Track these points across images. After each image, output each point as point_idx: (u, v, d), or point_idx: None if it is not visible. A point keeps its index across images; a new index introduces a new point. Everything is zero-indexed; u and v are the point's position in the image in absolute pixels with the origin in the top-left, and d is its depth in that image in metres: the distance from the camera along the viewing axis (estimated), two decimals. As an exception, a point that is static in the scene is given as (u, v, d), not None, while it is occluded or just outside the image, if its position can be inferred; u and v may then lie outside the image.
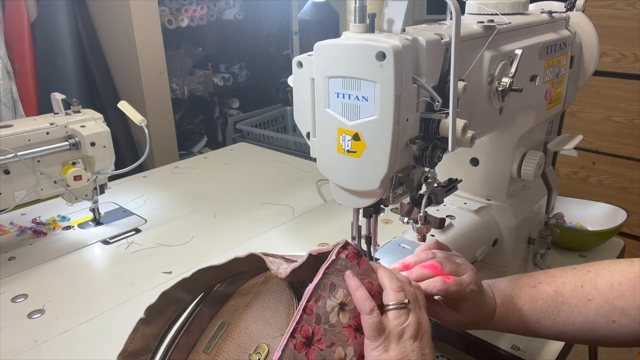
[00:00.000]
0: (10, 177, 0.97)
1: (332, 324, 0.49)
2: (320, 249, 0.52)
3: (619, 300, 0.56)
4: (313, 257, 0.52)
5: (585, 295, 0.58)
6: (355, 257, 0.51)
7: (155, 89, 1.97)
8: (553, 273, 0.62)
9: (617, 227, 0.99)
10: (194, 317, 0.62)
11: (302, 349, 0.47)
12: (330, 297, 0.49)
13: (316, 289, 0.49)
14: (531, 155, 0.80)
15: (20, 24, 1.83)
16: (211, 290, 0.63)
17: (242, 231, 1.12)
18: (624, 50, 1.66)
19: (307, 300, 0.48)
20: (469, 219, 0.78)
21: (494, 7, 0.70)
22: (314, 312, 0.48)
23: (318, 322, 0.48)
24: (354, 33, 0.53)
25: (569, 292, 0.59)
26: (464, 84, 0.54)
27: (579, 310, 0.58)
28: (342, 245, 0.51)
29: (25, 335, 0.80)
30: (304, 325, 0.47)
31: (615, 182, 1.80)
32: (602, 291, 0.57)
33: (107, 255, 1.04)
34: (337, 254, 0.50)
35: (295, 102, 0.61)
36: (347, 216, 0.64)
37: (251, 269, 0.62)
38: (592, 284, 0.58)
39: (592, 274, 0.59)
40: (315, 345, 0.47)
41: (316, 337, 0.48)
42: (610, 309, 0.56)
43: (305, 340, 0.47)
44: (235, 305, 0.60)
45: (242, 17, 2.42)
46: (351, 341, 0.49)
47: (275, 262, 0.54)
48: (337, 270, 0.50)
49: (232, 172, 1.49)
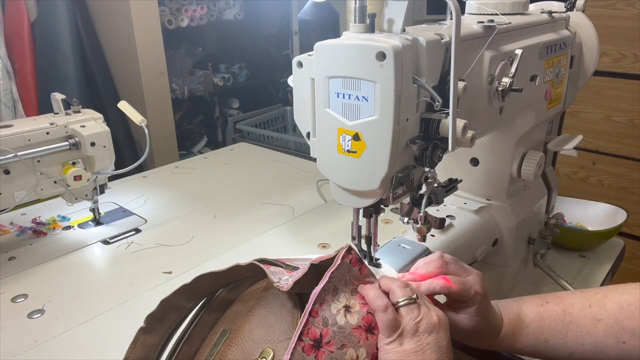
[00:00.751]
0: (10, 177, 0.97)
1: (340, 325, 0.49)
2: (321, 257, 0.53)
3: (629, 321, 0.55)
4: (315, 267, 0.52)
5: (593, 315, 0.57)
6: (358, 263, 0.52)
7: (155, 89, 1.97)
8: (560, 294, 0.62)
9: (617, 227, 1.00)
10: (196, 325, 0.61)
11: (311, 352, 0.47)
12: (334, 301, 0.50)
13: (322, 293, 0.49)
14: (531, 155, 0.80)
15: (20, 24, 1.83)
16: (212, 296, 0.62)
17: (242, 231, 1.12)
18: (624, 50, 1.66)
19: (312, 303, 0.48)
20: (469, 219, 0.78)
21: (494, 7, 0.70)
22: (319, 315, 0.48)
23: (325, 324, 0.48)
24: (354, 33, 0.53)
25: (577, 312, 0.58)
26: (464, 84, 0.54)
27: (588, 330, 0.57)
28: (347, 250, 0.52)
29: (25, 335, 0.80)
30: (311, 328, 0.47)
31: (615, 182, 1.80)
32: (610, 312, 0.56)
33: (107, 255, 1.04)
34: (342, 258, 0.51)
35: (295, 102, 0.61)
36: (347, 216, 0.64)
37: (252, 274, 0.61)
38: (601, 304, 0.57)
39: (600, 295, 0.58)
40: (324, 348, 0.47)
41: (325, 339, 0.48)
42: (620, 330, 0.55)
43: (313, 342, 0.47)
44: (238, 312, 0.60)
45: (242, 17, 2.42)
46: (363, 342, 0.49)
47: (277, 272, 0.55)
48: (340, 274, 0.51)
49: (232, 172, 1.49)
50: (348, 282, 0.52)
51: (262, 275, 0.61)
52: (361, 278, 0.52)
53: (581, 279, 0.95)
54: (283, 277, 0.53)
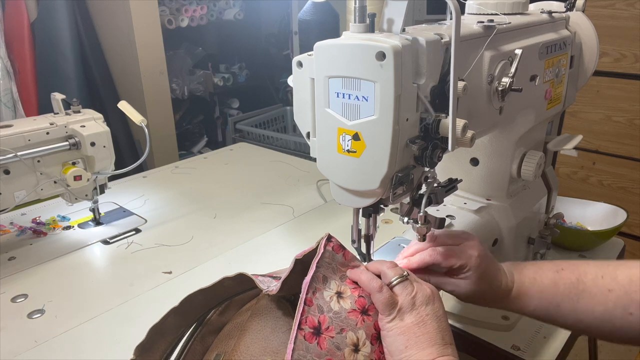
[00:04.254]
0: (10, 177, 0.97)
1: (336, 311, 0.50)
2: (303, 251, 0.54)
3: (638, 294, 0.57)
4: (300, 262, 0.53)
5: (605, 286, 0.59)
6: (340, 249, 0.54)
7: (155, 89, 1.97)
8: (575, 263, 0.63)
9: (617, 227, 0.99)
10: (186, 354, 0.60)
11: (313, 339, 0.47)
12: (325, 289, 0.51)
13: (312, 282, 0.50)
14: (531, 155, 0.80)
15: (20, 24, 1.83)
16: (202, 322, 0.61)
17: (242, 231, 1.12)
18: (624, 50, 1.66)
19: (305, 293, 0.49)
20: (469, 219, 0.78)
21: (494, 7, 0.70)
22: (314, 303, 0.49)
23: (321, 311, 0.49)
24: (354, 33, 0.53)
25: (590, 281, 0.60)
26: (464, 83, 0.54)
27: (599, 300, 0.59)
28: (327, 239, 0.53)
29: (25, 335, 0.80)
30: (308, 317, 0.48)
31: (615, 182, 1.80)
32: (621, 284, 0.58)
33: (107, 255, 1.04)
34: (324, 246, 0.52)
35: (295, 102, 0.61)
36: (347, 216, 0.64)
37: (242, 289, 0.61)
38: (612, 276, 0.59)
39: (612, 267, 0.60)
40: (325, 334, 0.48)
41: (323, 325, 0.48)
42: (628, 301, 0.57)
43: (313, 330, 0.48)
44: (230, 332, 0.59)
45: (242, 17, 2.42)
46: (360, 324, 0.50)
47: (265, 281, 0.55)
48: (326, 263, 0.52)
49: (232, 172, 1.49)
50: (335, 269, 0.53)
51: (249, 294, 0.61)
52: (347, 263, 0.54)
53: (581, 279, 0.95)
54: (272, 285, 0.54)
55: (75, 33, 1.89)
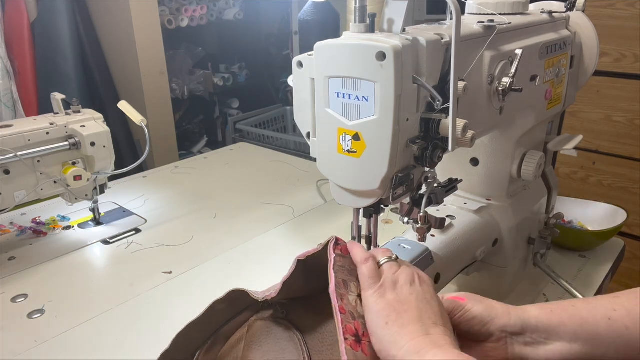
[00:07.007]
0: (10, 177, 0.97)
1: (362, 315, 0.49)
2: (306, 252, 0.53)
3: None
4: (302, 263, 0.52)
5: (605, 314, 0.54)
6: (347, 250, 0.53)
7: (155, 89, 1.97)
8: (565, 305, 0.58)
9: (617, 227, 0.99)
10: None
11: (357, 347, 0.46)
12: (349, 293, 0.50)
13: (337, 289, 0.49)
14: (531, 155, 0.80)
15: (20, 24, 1.83)
16: None
17: (242, 231, 1.12)
18: (624, 50, 1.66)
19: (336, 301, 0.48)
20: (469, 219, 0.78)
21: (494, 7, 0.70)
22: (346, 310, 0.48)
23: (354, 317, 0.48)
24: (354, 33, 0.53)
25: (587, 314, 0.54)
26: (464, 84, 0.54)
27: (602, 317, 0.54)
28: (335, 242, 0.52)
29: (25, 335, 0.80)
30: (347, 325, 0.47)
31: (615, 182, 1.79)
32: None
33: (107, 255, 1.04)
34: (333, 251, 0.52)
35: (295, 102, 0.61)
36: (347, 216, 0.64)
37: (234, 313, 0.58)
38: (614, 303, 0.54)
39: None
40: (364, 340, 0.47)
41: (360, 331, 0.48)
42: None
43: (355, 337, 0.47)
44: None
45: (242, 17, 2.41)
46: None
47: (258, 292, 0.54)
48: (339, 267, 0.51)
49: (232, 172, 1.49)
50: (350, 270, 0.52)
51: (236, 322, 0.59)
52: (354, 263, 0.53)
53: (581, 279, 0.95)
54: (267, 293, 0.53)
55: (75, 33, 1.89)
